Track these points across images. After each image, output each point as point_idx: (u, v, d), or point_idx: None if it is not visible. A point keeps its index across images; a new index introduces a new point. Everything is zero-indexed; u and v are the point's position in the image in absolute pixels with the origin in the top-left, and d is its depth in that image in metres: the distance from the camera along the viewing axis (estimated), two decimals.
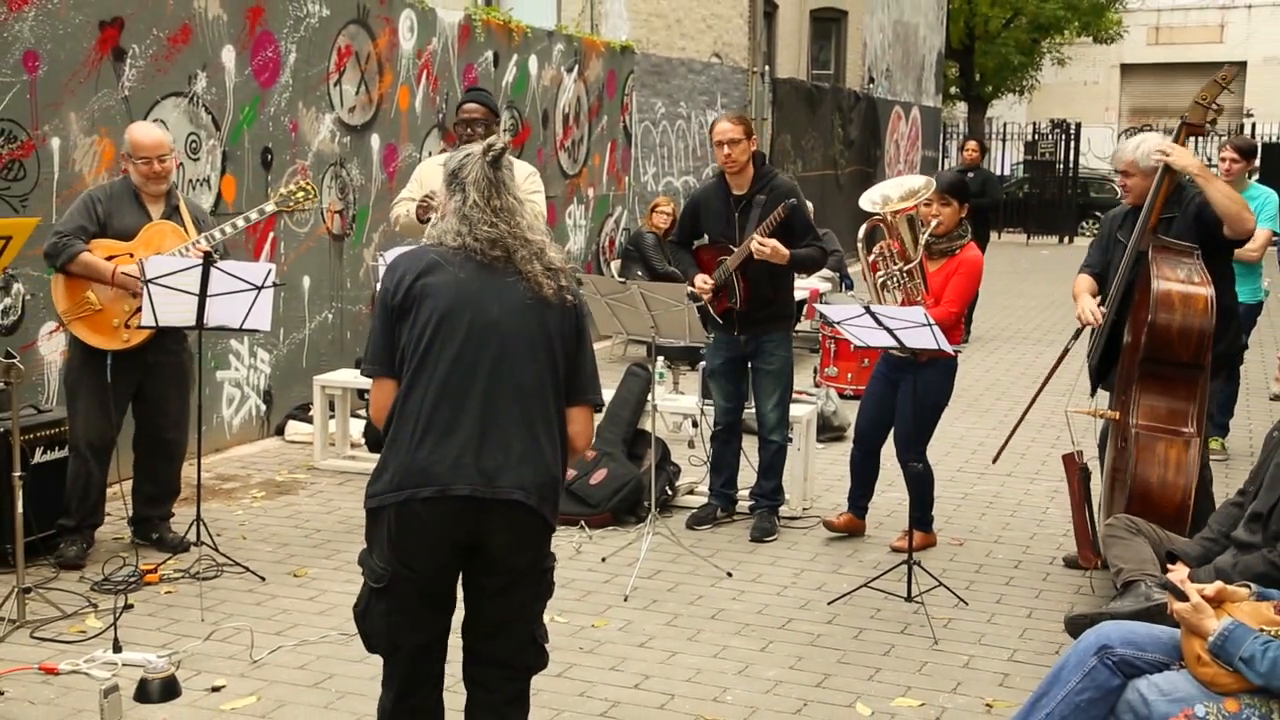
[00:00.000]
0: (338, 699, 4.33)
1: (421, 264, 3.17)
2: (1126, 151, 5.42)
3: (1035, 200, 25.95)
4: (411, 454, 3.09)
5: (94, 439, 5.57)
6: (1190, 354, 5.07)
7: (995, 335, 12.84)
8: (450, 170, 3.26)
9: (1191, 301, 5.05)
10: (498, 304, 3.14)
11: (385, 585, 3.17)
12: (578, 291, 3.30)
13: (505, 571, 3.19)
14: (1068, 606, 5.17)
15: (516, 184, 3.28)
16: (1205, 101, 5.38)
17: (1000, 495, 7.02)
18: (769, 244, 5.80)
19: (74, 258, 5.42)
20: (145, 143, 5.56)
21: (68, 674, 4.43)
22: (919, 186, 5.65)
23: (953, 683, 4.56)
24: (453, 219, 3.21)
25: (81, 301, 5.49)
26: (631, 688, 4.47)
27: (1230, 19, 39.73)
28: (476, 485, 3.07)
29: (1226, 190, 5.25)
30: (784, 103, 16.74)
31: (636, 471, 6.43)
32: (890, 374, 5.86)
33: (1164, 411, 5.12)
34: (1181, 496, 4.96)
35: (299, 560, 5.74)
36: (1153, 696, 3.37)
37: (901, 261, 5.61)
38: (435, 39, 9.32)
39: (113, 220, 5.53)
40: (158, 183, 5.60)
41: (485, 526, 3.12)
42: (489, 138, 3.31)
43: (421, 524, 3.10)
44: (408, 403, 3.12)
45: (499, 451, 3.09)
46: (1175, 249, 5.21)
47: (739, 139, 5.93)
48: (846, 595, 5.34)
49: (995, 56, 29.20)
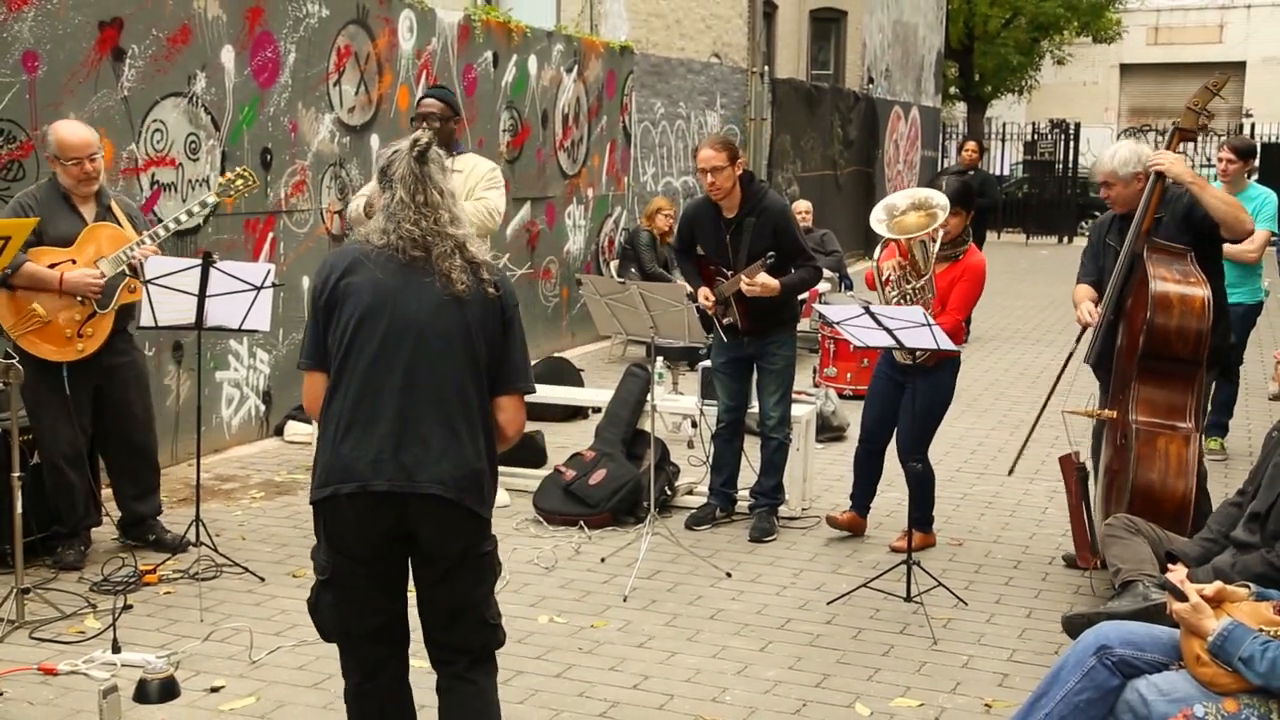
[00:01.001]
0: (337, 699, 4.27)
1: (346, 262, 3.26)
2: (1104, 163, 5.50)
3: (1034, 200, 25.97)
4: (335, 451, 3.19)
5: (65, 451, 5.47)
6: (1188, 351, 5.12)
7: (994, 335, 12.84)
8: (380, 167, 3.33)
9: (1189, 302, 5.09)
10: (416, 302, 3.20)
11: (329, 576, 3.28)
12: (504, 282, 3.33)
13: (440, 559, 3.26)
14: (1067, 606, 5.17)
15: (447, 178, 3.33)
16: (1197, 108, 5.47)
17: (999, 495, 7.02)
18: (758, 283, 5.81)
19: (17, 269, 5.23)
20: (73, 142, 5.36)
21: (67, 674, 4.43)
22: (935, 205, 5.51)
23: (952, 683, 4.56)
24: (380, 217, 3.29)
25: (28, 315, 5.33)
26: (631, 688, 4.47)
27: (1229, 19, 39.72)
28: (395, 481, 3.15)
29: (1220, 195, 5.33)
30: (783, 103, 16.73)
31: (635, 472, 6.42)
32: (893, 373, 5.86)
33: (1163, 406, 5.16)
34: (1183, 492, 4.98)
35: (298, 561, 5.73)
36: (1152, 696, 3.37)
37: (915, 279, 5.60)
38: (435, 39, 9.32)
39: (48, 227, 5.34)
40: (88, 184, 5.42)
41: (409, 519, 3.20)
42: (417, 133, 3.32)
43: (347, 518, 3.20)
44: (331, 402, 3.23)
45: (417, 446, 3.17)
46: (1169, 250, 5.26)
47: (722, 165, 5.85)
48: (846, 595, 5.34)
49: (994, 56, 29.19)
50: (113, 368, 5.57)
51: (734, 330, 6.05)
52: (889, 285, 5.66)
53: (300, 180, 8.05)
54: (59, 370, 5.39)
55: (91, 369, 5.49)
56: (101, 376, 5.56)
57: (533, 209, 11.03)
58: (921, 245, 5.57)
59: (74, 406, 5.43)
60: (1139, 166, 5.37)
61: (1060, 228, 25.34)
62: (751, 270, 5.81)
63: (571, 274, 11.61)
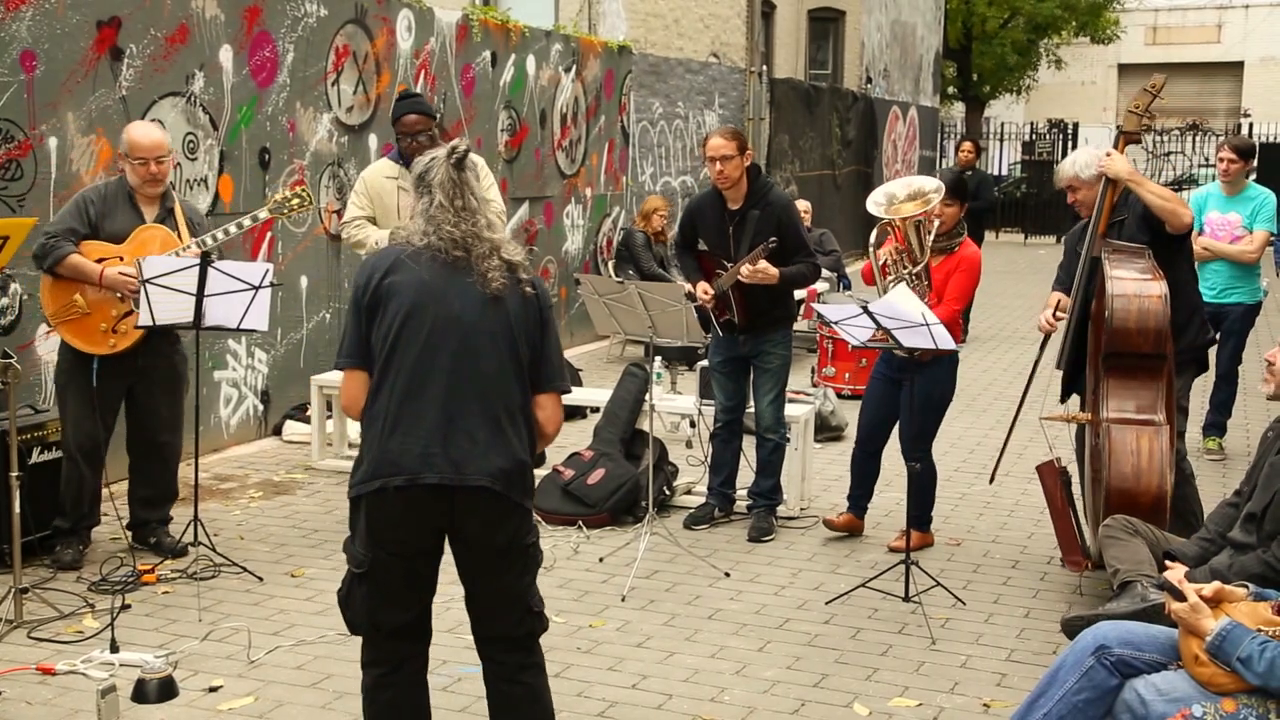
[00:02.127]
0: (335, 699, 4.33)
1: (388, 262, 3.35)
2: (1066, 170, 5.65)
3: (1033, 200, 25.94)
4: (383, 446, 3.26)
5: (83, 443, 5.52)
6: (1150, 346, 5.18)
7: (993, 335, 12.84)
8: (418, 174, 3.43)
9: (1146, 298, 5.18)
10: (459, 300, 3.30)
11: (366, 570, 3.33)
12: (539, 282, 3.45)
13: (486, 550, 3.34)
14: (1065, 607, 5.18)
15: (481, 185, 3.45)
16: (1138, 110, 5.58)
17: (998, 495, 7.02)
18: (759, 269, 5.81)
19: (62, 259, 5.36)
20: (143, 143, 5.50)
21: (65, 674, 4.43)
22: (929, 190, 5.65)
23: (950, 683, 4.56)
24: (419, 220, 3.38)
25: (69, 304, 5.44)
26: (629, 688, 4.47)
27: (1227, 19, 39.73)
28: (445, 474, 3.23)
29: (1158, 190, 5.48)
30: (781, 103, 16.73)
31: (634, 471, 6.42)
32: (890, 373, 5.87)
33: (1131, 402, 5.21)
34: (1157, 486, 4.99)
35: (296, 560, 5.73)
36: (1150, 696, 3.37)
37: (911, 264, 5.64)
38: (433, 39, 9.31)
39: (105, 222, 5.47)
40: (154, 185, 5.54)
41: (457, 511, 3.29)
42: (455, 141, 3.44)
43: (395, 511, 3.28)
44: (378, 398, 3.31)
45: (464, 441, 3.25)
46: (1126, 250, 5.36)
47: (731, 155, 5.87)
48: (844, 595, 5.34)
49: (993, 56, 29.19)
50: (147, 368, 5.62)
51: (730, 326, 6.04)
52: (886, 272, 5.68)
53: (298, 180, 8.04)
54: (89, 363, 5.46)
55: (125, 367, 5.55)
56: (135, 376, 5.61)
57: (531, 209, 11.03)
58: (916, 230, 5.61)
59: (99, 401, 5.48)
60: (1099, 168, 5.49)
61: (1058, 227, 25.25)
62: (754, 255, 5.82)
63: (570, 274, 11.61)
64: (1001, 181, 25.71)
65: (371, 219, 6.30)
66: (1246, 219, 7.68)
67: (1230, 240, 7.66)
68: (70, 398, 5.53)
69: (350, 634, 3.47)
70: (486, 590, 3.40)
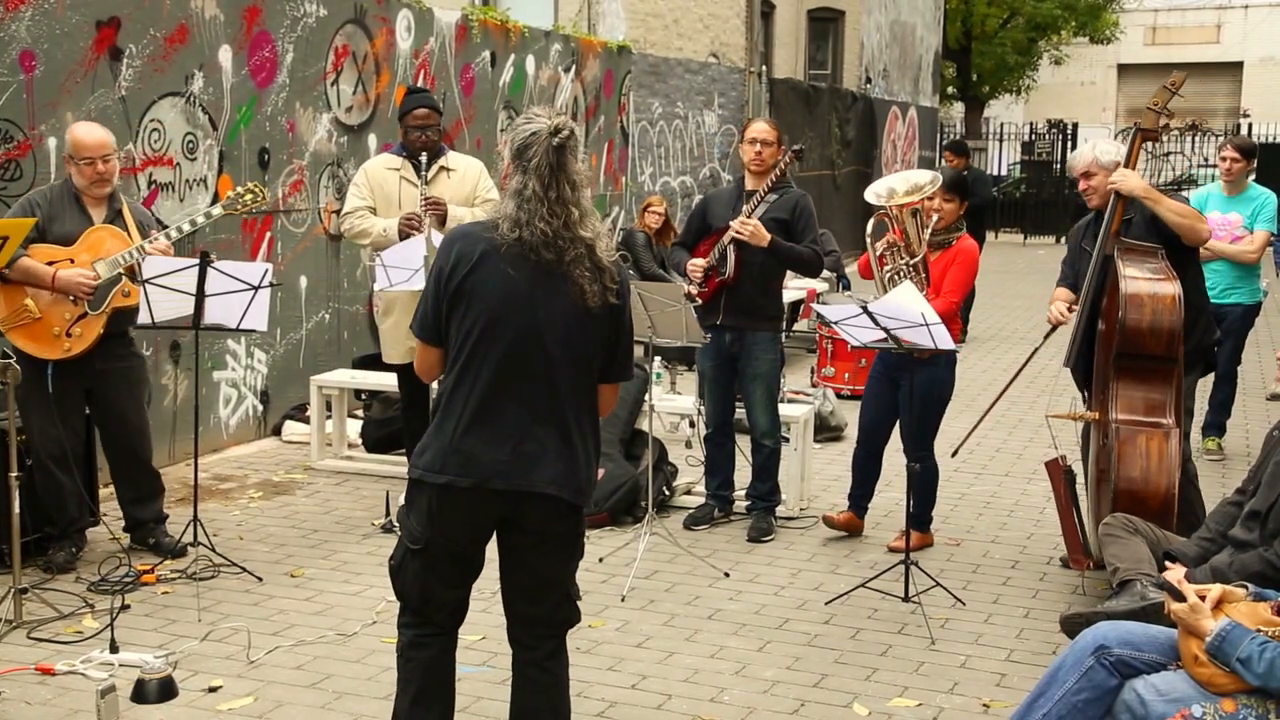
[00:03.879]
0: (335, 699, 4.32)
1: (476, 253, 3.30)
2: (1084, 154, 5.62)
3: (1032, 200, 25.92)
4: (455, 443, 3.32)
5: (52, 449, 5.43)
6: (1162, 348, 5.17)
7: (992, 335, 12.84)
8: (516, 146, 3.32)
9: (1160, 299, 5.15)
10: (544, 309, 3.30)
11: (422, 547, 3.41)
12: (624, 283, 3.44)
13: (538, 535, 3.43)
14: (1064, 606, 5.14)
15: (580, 165, 3.36)
16: (1157, 107, 5.55)
17: (997, 495, 7.01)
18: (750, 224, 5.85)
19: (13, 263, 5.23)
20: (88, 142, 5.39)
21: (64, 674, 4.42)
22: (924, 182, 5.70)
23: (950, 683, 4.56)
24: (511, 202, 3.30)
25: (20, 310, 5.33)
26: (629, 688, 4.47)
27: (1227, 19, 39.72)
28: (513, 481, 3.32)
29: (1175, 206, 5.41)
30: (781, 103, 16.72)
31: (634, 471, 6.41)
32: (889, 372, 5.87)
33: (1141, 404, 5.20)
34: (1165, 488, 4.99)
35: (296, 561, 5.72)
36: (1150, 697, 3.37)
37: (908, 255, 5.66)
38: (432, 39, 9.31)
39: (53, 225, 5.36)
40: (101, 185, 5.43)
41: (520, 509, 3.38)
42: (557, 119, 3.29)
43: (459, 508, 3.37)
44: (454, 394, 3.35)
45: (535, 448, 3.33)
46: (1140, 249, 5.34)
47: (772, 142, 6.04)
48: (844, 595, 5.34)
49: (992, 57, 29.18)
50: (105, 371, 5.53)
51: (717, 305, 6.01)
52: (884, 262, 5.70)
53: (298, 180, 8.04)
54: (44, 368, 5.37)
55: (81, 370, 5.46)
56: (93, 379, 5.52)
57: None
58: (914, 221, 5.62)
59: (59, 406, 5.40)
60: (1118, 155, 5.48)
61: (1058, 228, 25.24)
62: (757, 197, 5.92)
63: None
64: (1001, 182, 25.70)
65: (372, 209, 6.29)
66: (1247, 219, 7.67)
67: (1230, 240, 7.65)
68: (31, 407, 5.39)
69: (398, 600, 3.54)
70: (531, 573, 3.47)
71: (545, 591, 3.50)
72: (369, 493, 6.77)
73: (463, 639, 3.64)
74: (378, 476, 7.08)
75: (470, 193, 6.30)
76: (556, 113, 3.35)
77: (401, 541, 3.48)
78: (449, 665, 3.58)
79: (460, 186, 6.30)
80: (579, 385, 3.38)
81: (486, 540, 3.49)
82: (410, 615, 3.52)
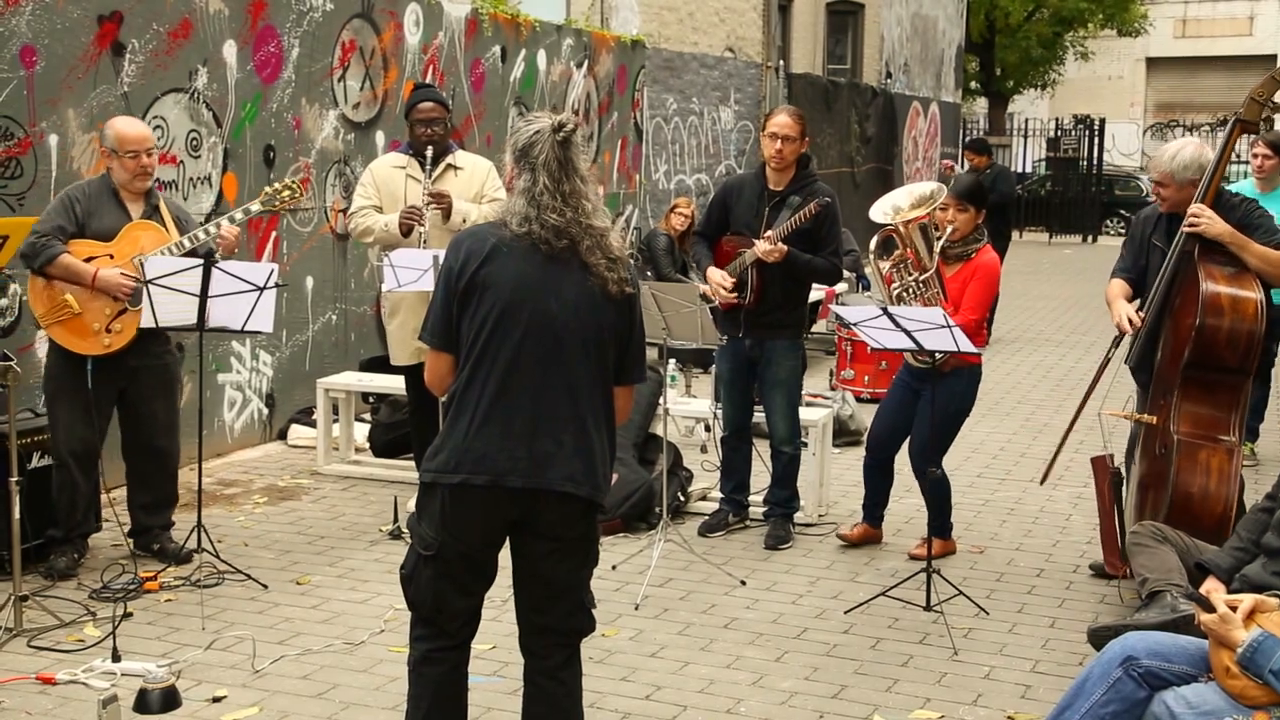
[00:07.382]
0: (342, 709, 4.29)
1: (485, 249, 3.28)
2: (1163, 162, 5.26)
3: (1058, 198, 25.70)
4: (469, 441, 3.27)
5: (76, 447, 5.43)
6: (1237, 359, 4.95)
7: (1017, 337, 12.71)
8: (520, 146, 3.32)
9: (1241, 305, 4.93)
10: (556, 299, 3.27)
11: (434, 553, 3.36)
12: (635, 276, 3.42)
13: (553, 539, 3.37)
14: (1092, 616, 5.11)
15: (587, 159, 3.37)
16: (1261, 98, 5.22)
17: (1021, 502, 6.90)
18: (777, 251, 5.70)
19: (53, 259, 5.28)
20: (133, 135, 5.42)
21: (65, 684, 4.39)
22: (929, 193, 5.55)
23: (973, 694, 4.48)
24: (520, 200, 3.29)
25: (60, 305, 5.36)
26: (643, 699, 4.41)
27: (1260, 10, 39.11)
28: (528, 478, 3.27)
29: (1261, 252, 5.06)
30: (799, 98, 16.61)
31: (648, 477, 6.34)
32: (913, 382, 5.71)
33: (1206, 419, 5.00)
34: (1224, 506, 4.86)
35: (302, 567, 5.67)
36: (1180, 709, 3.32)
37: (917, 271, 5.51)
38: (441, 33, 9.23)
39: (91, 220, 5.40)
40: (143, 179, 5.46)
41: (535, 509, 3.33)
42: (560, 116, 3.33)
43: (473, 508, 3.31)
44: (467, 392, 3.31)
45: (551, 444, 3.28)
46: (1222, 251, 5.06)
47: (794, 136, 5.84)
48: (864, 604, 5.25)
49: (1016, 50, 29.03)
50: (139, 369, 5.54)
51: (736, 318, 5.89)
52: (890, 280, 5.56)
53: (304, 178, 7.96)
54: (84, 364, 5.38)
55: (118, 368, 5.47)
56: (127, 378, 5.53)
57: None
58: (923, 236, 5.46)
59: (94, 404, 5.41)
60: (1197, 173, 5.16)
61: (1084, 226, 25.10)
62: (787, 226, 5.72)
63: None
64: (1025, 179, 25.48)
65: (378, 209, 6.21)
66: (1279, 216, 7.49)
67: None
68: (62, 402, 5.42)
69: (410, 609, 3.48)
70: (544, 579, 3.41)
71: (558, 599, 3.44)
72: (377, 498, 6.71)
73: (473, 648, 3.58)
74: (386, 481, 7.03)
75: (478, 192, 6.22)
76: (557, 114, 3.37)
77: (413, 549, 3.42)
78: (461, 681, 3.52)
79: (468, 185, 6.22)
80: (595, 380, 3.33)
81: (500, 544, 3.42)
82: (423, 627, 3.46)
